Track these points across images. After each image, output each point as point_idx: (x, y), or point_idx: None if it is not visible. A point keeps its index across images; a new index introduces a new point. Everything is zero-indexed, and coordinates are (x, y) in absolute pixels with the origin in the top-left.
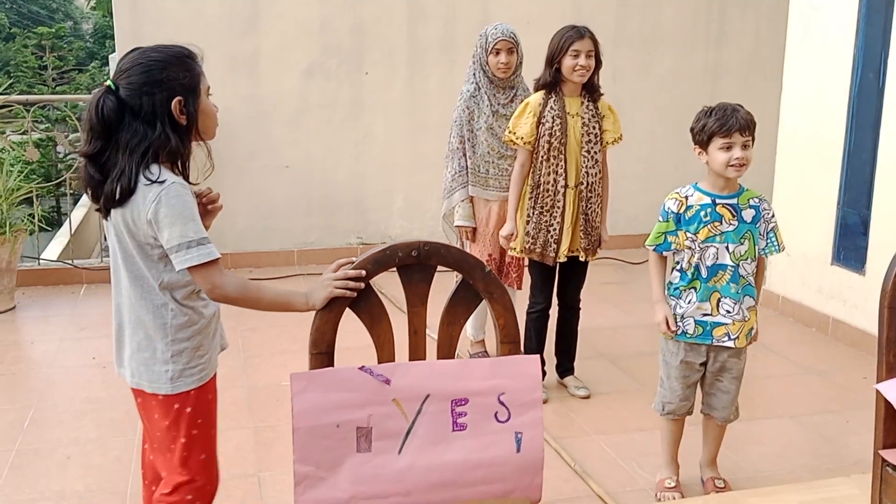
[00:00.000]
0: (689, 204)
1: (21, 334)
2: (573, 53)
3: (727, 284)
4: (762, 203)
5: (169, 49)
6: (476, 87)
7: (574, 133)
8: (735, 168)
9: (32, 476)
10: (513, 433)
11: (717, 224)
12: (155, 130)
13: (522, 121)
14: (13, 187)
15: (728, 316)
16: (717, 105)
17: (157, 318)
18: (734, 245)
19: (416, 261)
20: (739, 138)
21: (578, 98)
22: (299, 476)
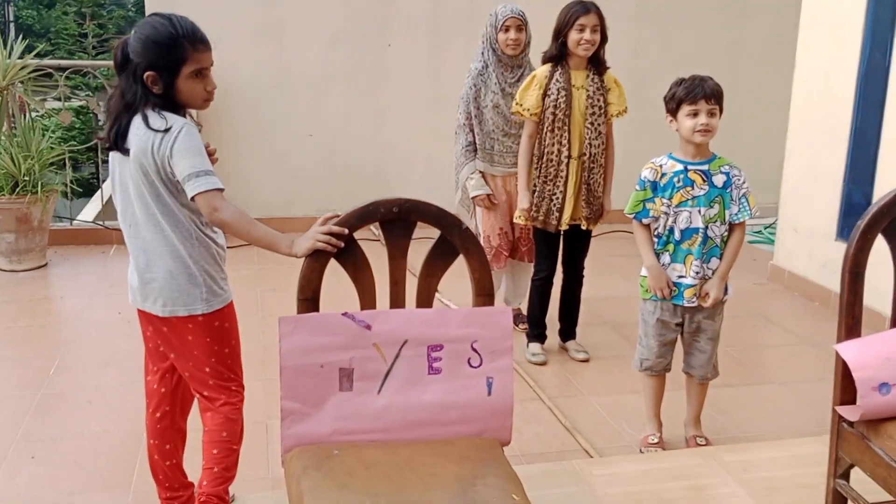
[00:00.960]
0: (664, 171)
1: (52, 290)
2: (579, 28)
3: (699, 246)
4: (733, 170)
5: (166, 26)
6: (484, 65)
7: (578, 105)
8: (701, 133)
9: (56, 417)
10: (484, 378)
11: (689, 189)
12: (138, 88)
13: (529, 93)
14: (46, 149)
15: (696, 277)
16: (689, 76)
17: (188, 246)
18: (705, 209)
19: (397, 216)
20: (705, 105)
21: (584, 71)
22: (286, 411)
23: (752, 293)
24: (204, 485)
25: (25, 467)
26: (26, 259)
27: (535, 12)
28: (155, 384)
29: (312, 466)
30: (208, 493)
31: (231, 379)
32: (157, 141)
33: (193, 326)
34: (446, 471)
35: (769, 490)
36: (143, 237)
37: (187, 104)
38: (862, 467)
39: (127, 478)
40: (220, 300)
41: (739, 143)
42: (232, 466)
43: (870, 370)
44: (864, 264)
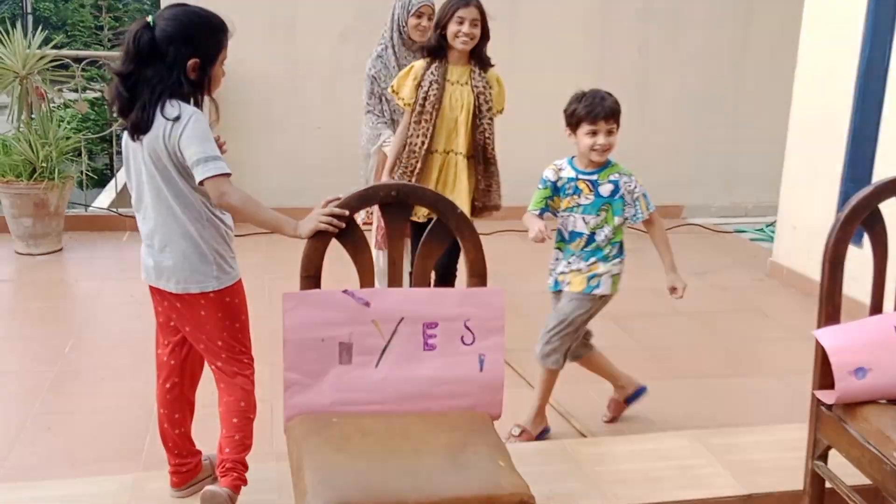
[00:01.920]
0: (561, 175)
1: (67, 273)
2: (458, 20)
3: (583, 249)
4: (622, 178)
5: (207, 16)
6: (385, 48)
7: (451, 100)
8: (598, 153)
9: (70, 393)
10: (477, 355)
11: (576, 197)
12: (171, 77)
13: (405, 82)
14: (63, 137)
15: (567, 267)
16: (588, 91)
17: (199, 227)
18: (590, 216)
19: (395, 199)
20: (604, 125)
21: (464, 67)
22: (288, 382)
23: (751, 289)
24: (227, 451)
25: (42, 438)
26: (43, 243)
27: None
28: (165, 357)
29: (312, 433)
30: (233, 459)
31: (242, 352)
32: (169, 128)
33: (206, 302)
34: (437, 439)
35: (752, 471)
36: (156, 220)
37: (212, 90)
38: (838, 449)
39: (138, 449)
40: (229, 277)
41: (743, 141)
42: (249, 435)
43: (846, 355)
44: (843, 254)
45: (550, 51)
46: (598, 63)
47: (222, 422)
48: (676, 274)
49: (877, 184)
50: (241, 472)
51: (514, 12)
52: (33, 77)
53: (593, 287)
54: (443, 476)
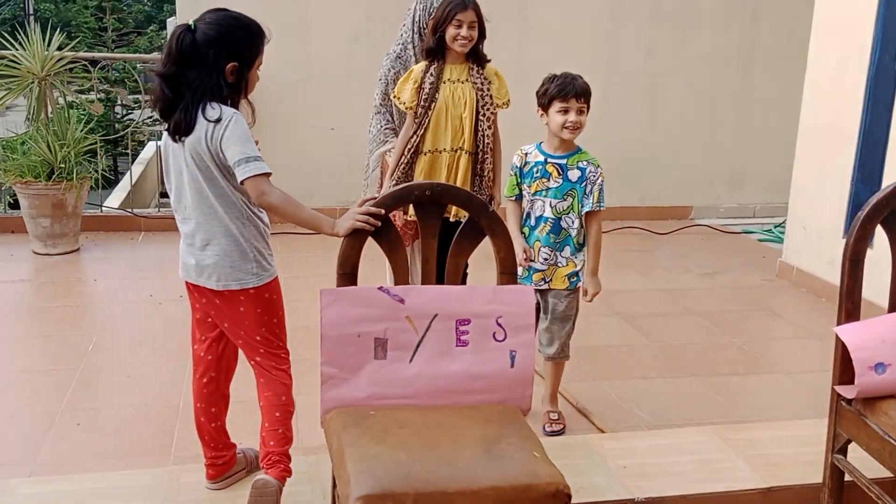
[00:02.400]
0: (527, 160)
1: (85, 273)
2: (456, 23)
3: (547, 235)
4: (589, 165)
5: (246, 22)
6: (403, 48)
7: (452, 99)
8: (570, 130)
9: (96, 390)
10: (508, 351)
11: (544, 180)
12: (211, 79)
13: (406, 86)
14: (80, 138)
15: (544, 263)
16: (560, 73)
17: (241, 226)
18: (556, 201)
19: (430, 199)
20: (575, 104)
21: (462, 65)
22: (325, 377)
23: (761, 288)
24: (271, 444)
25: (71, 434)
26: (60, 243)
27: (541, 13)
28: (202, 352)
29: (351, 424)
30: (278, 451)
31: (279, 346)
32: (211, 130)
33: (245, 299)
34: (472, 431)
35: (771, 465)
36: (197, 219)
37: (248, 93)
38: (858, 442)
39: (167, 445)
40: (268, 274)
41: (751, 142)
42: (290, 427)
43: (867, 351)
44: (863, 253)
45: (559, 52)
46: (607, 64)
47: (265, 416)
48: (592, 278)
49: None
50: (287, 463)
51: (522, 14)
52: (51, 78)
53: (575, 282)
54: (480, 466)
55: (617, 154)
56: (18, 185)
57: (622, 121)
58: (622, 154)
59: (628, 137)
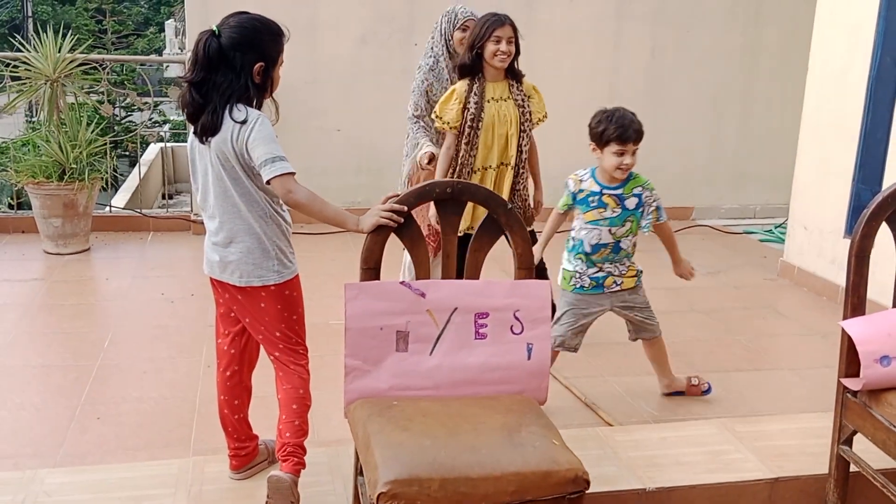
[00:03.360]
0: (582, 188)
1: (96, 271)
2: (495, 39)
3: (606, 257)
4: (644, 191)
5: (268, 22)
6: (435, 60)
7: (498, 117)
8: (622, 171)
9: (114, 385)
10: (525, 343)
11: (601, 210)
12: (239, 81)
13: (449, 106)
14: (91, 139)
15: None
16: (615, 111)
17: (263, 224)
18: (616, 227)
19: (451, 196)
20: (632, 147)
21: (502, 83)
22: (349, 368)
23: (763, 288)
24: (287, 436)
25: (93, 427)
26: (71, 243)
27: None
28: (226, 346)
29: (376, 414)
30: (293, 443)
31: (298, 342)
32: (237, 131)
33: (266, 295)
34: (493, 420)
35: (778, 457)
36: (222, 217)
37: (273, 91)
38: (864, 433)
39: (186, 437)
40: (289, 272)
41: (753, 143)
42: (306, 421)
43: (873, 344)
44: (869, 249)
45: (564, 52)
46: (611, 65)
47: (282, 408)
48: (685, 261)
49: None
50: (301, 455)
51: (529, 18)
52: (62, 80)
53: (639, 281)
54: (503, 453)
55: None
56: (31, 186)
57: None
58: None
59: None
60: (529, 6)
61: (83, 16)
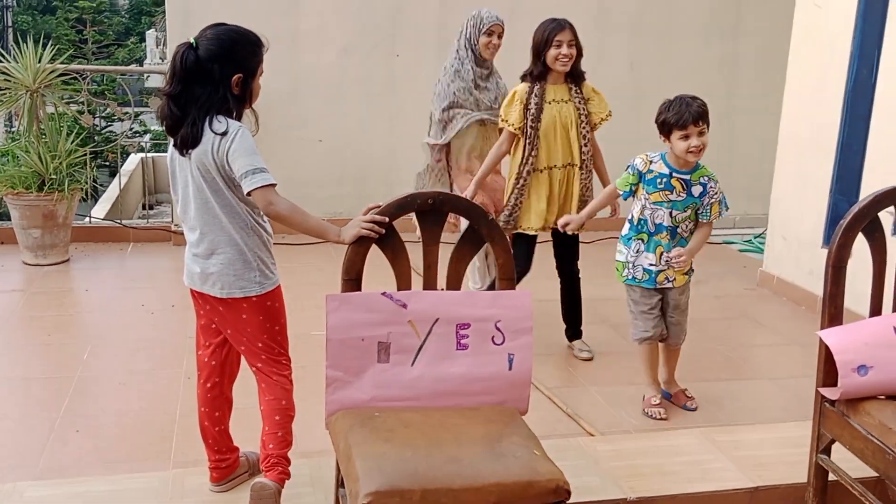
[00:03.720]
0: (651, 168)
1: (76, 283)
2: (556, 44)
3: (668, 242)
4: (710, 182)
5: (245, 33)
6: (461, 63)
7: (560, 118)
8: (694, 153)
9: (94, 397)
10: (506, 354)
11: (667, 192)
12: (218, 93)
13: (512, 108)
14: (71, 149)
15: (665, 265)
16: (675, 98)
17: (245, 235)
18: (678, 212)
19: (432, 207)
20: (694, 128)
21: (563, 86)
22: (330, 379)
23: (743, 297)
24: (271, 447)
25: (72, 440)
26: (51, 254)
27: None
28: (206, 357)
29: (357, 425)
30: (277, 454)
31: (281, 353)
32: (217, 143)
33: (248, 306)
34: (475, 430)
35: (758, 466)
36: (202, 228)
37: (252, 102)
38: (842, 441)
39: (166, 450)
40: (271, 283)
41: (732, 154)
42: (290, 431)
43: (850, 354)
44: (845, 259)
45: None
46: (592, 76)
47: (265, 419)
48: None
49: (876, 193)
50: (286, 466)
51: (509, 27)
52: (42, 90)
53: (689, 280)
54: (484, 463)
55: None
56: (10, 196)
57: (606, 133)
58: (607, 165)
59: (611, 149)
60: (511, 18)
61: (63, 26)
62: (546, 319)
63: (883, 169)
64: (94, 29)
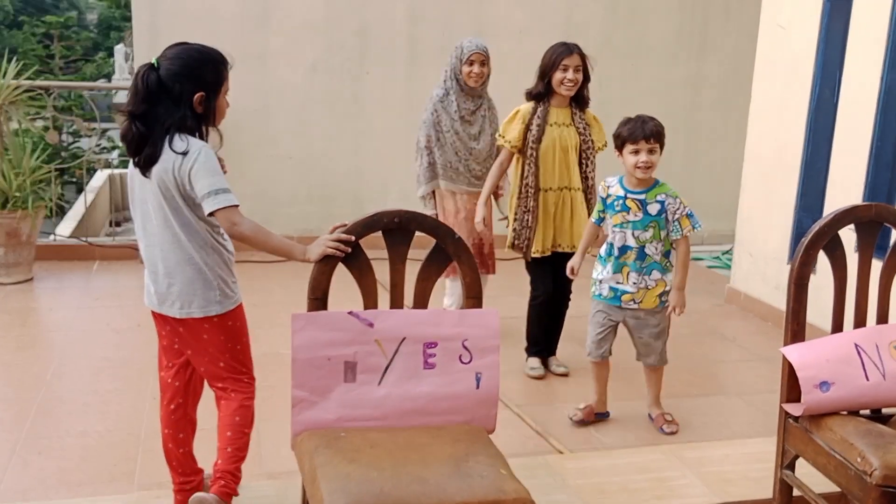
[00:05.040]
0: (610, 192)
1: (39, 302)
2: (563, 68)
3: (634, 261)
4: (668, 198)
5: (207, 51)
6: (446, 93)
7: (550, 141)
8: (641, 169)
9: (57, 418)
10: (473, 373)
11: (625, 214)
12: (179, 111)
13: (512, 126)
14: (35, 166)
15: (633, 286)
16: (635, 116)
17: (204, 254)
18: (639, 231)
19: (398, 226)
20: (645, 144)
21: (566, 109)
22: (296, 399)
23: (710, 313)
24: (219, 463)
25: (34, 461)
26: (14, 272)
27: (495, 48)
28: (169, 378)
29: (323, 445)
30: (223, 469)
31: (243, 372)
32: (179, 162)
33: (209, 326)
34: (441, 450)
35: (723, 482)
36: (161, 247)
37: (218, 121)
38: (805, 457)
39: (131, 471)
40: (231, 301)
41: (699, 172)
42: (243, 447)
43: (812, 370)
44: (807, 277)
45: (516, 84)
46: None
47: (218, 435)
48: (678, 293)
49: (836, 212)
50: (230, 480)
51: None
52: (6, 107)
53: (663, 303)
54: (450, 483)
55: None
56: None
57: None
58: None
59: None
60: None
61: (30, 41)
62: (514, 338)
63: (845, 186)
64: (61, 44)
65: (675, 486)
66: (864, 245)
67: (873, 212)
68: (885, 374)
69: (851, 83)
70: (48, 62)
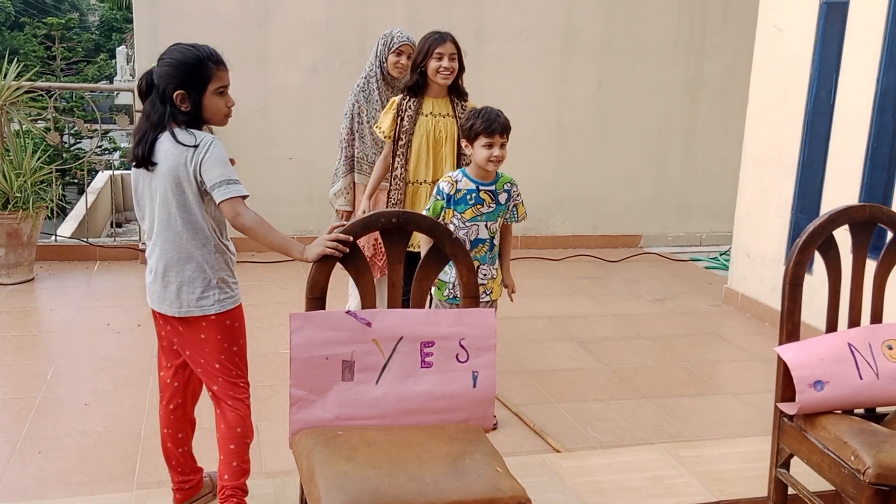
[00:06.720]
0: (458, 188)
1: (40, 302)
2: (437, 56)
3: (485, 254)
4: (512, 187)
5: (192, 50)
6: (366, 81)
7: (434, 132)
8: (493, 163)
9: (57, 418)
10: (470, 372)
11: (479, 207)
12: (165, 108)
13: (386, 116)
14: (36, 167)
15: (484, 278)
16: (484, 108)
17: (206, 253)
18: (491, 222)
19: (396, 226)
20: (499, 139)
21: (444, 99)
22: (294, 398)
23: (708, 314)
24: (226, 478)
25: (33, 462)
26: (15, 273)
27: (495, 49)
28: (168, 378)
29: (320, 444)
30: (232, 486)
31: (238, 376)
32: (190, 154)
33: (207, 325)
34: (438, 448)
35: (719, 481)
36: (163, 246)
37: (211, 120)
38: (800, 456)
39: (130, 471)
40: (231, 301)
41: (697, 173)
42: (247, 459)
43: (806, 369)
44: (802, 277)
45: (514, 86)
46: (560, 98)
47: (221, 447)
48: (509, 273)
49: (830, 212)
50: (241, 497)
51: (478, 50)
52: (7, 108)
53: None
54: (446, 481)
55: (569, 184)
56: None
57: (574, 152)
58: (575, 184)
59: (580, 168)
60: (478, 40)
61: (32, 42)
62: (513, 337)
63: (841, 187)
64: (63, 46)
65: (672, 485)
66: (858, 245)
67: (867, 212)
68: (878, 373)
69: (848, 85)
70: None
